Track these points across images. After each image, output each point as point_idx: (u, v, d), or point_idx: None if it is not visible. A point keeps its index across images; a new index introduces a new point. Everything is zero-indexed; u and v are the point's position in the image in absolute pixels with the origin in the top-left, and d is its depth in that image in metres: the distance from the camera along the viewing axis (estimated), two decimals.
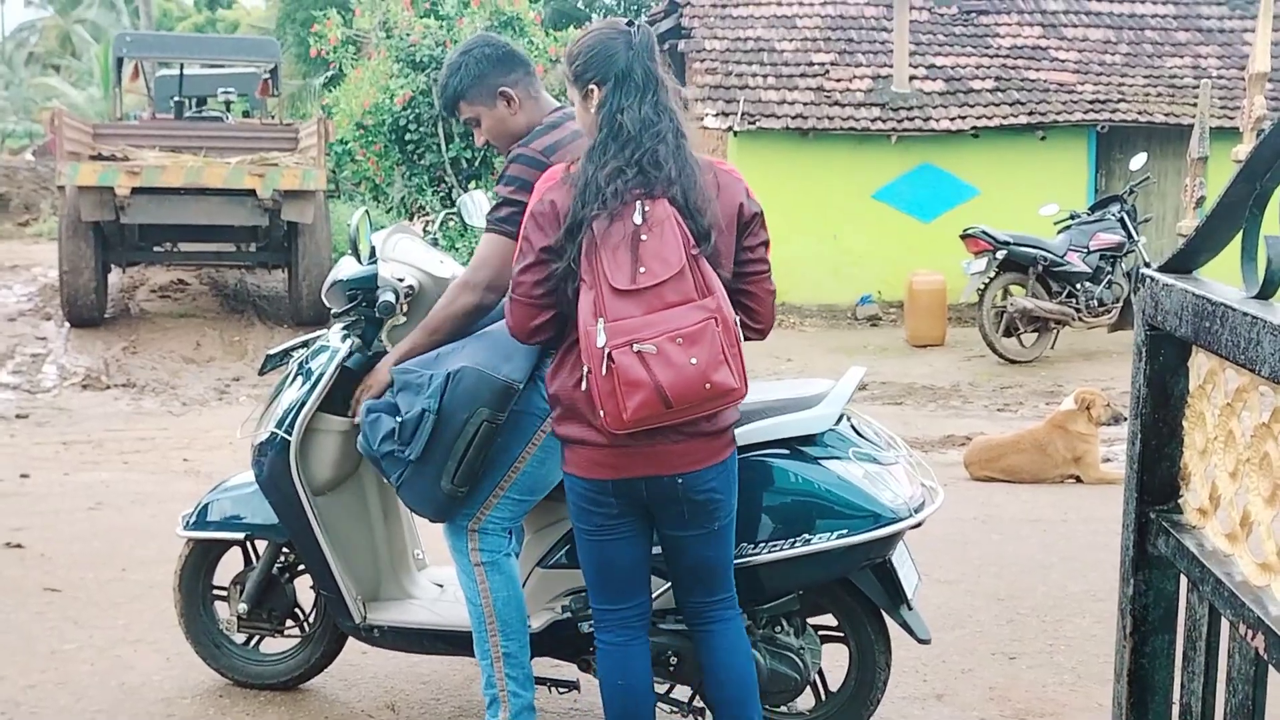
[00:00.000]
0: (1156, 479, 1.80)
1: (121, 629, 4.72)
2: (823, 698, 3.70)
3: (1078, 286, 11.78)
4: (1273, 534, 1.51)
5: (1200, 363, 1.73)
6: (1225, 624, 1.62)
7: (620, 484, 3.01)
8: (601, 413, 2.85)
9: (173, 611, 4.68)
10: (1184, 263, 1.76)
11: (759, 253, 3.10)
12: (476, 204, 4.01)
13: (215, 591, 4.18)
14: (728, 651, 3.22)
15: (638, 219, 2.89)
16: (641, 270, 2.86)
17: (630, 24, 3.03)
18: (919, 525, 3.46)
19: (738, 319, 2.96)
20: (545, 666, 3.73)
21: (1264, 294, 1.50)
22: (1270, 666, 1.46)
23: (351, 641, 4.04)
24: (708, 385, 2.84)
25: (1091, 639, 4.62)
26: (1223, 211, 1.60)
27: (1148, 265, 2.02)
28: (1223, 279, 1.74)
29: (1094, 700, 4.07)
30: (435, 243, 4.12)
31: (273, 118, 17.14)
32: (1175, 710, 1.82)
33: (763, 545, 3.39)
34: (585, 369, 2.85)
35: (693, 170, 2.99)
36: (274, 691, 4.11)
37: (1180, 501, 1.80)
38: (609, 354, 2.80)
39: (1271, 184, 1.50)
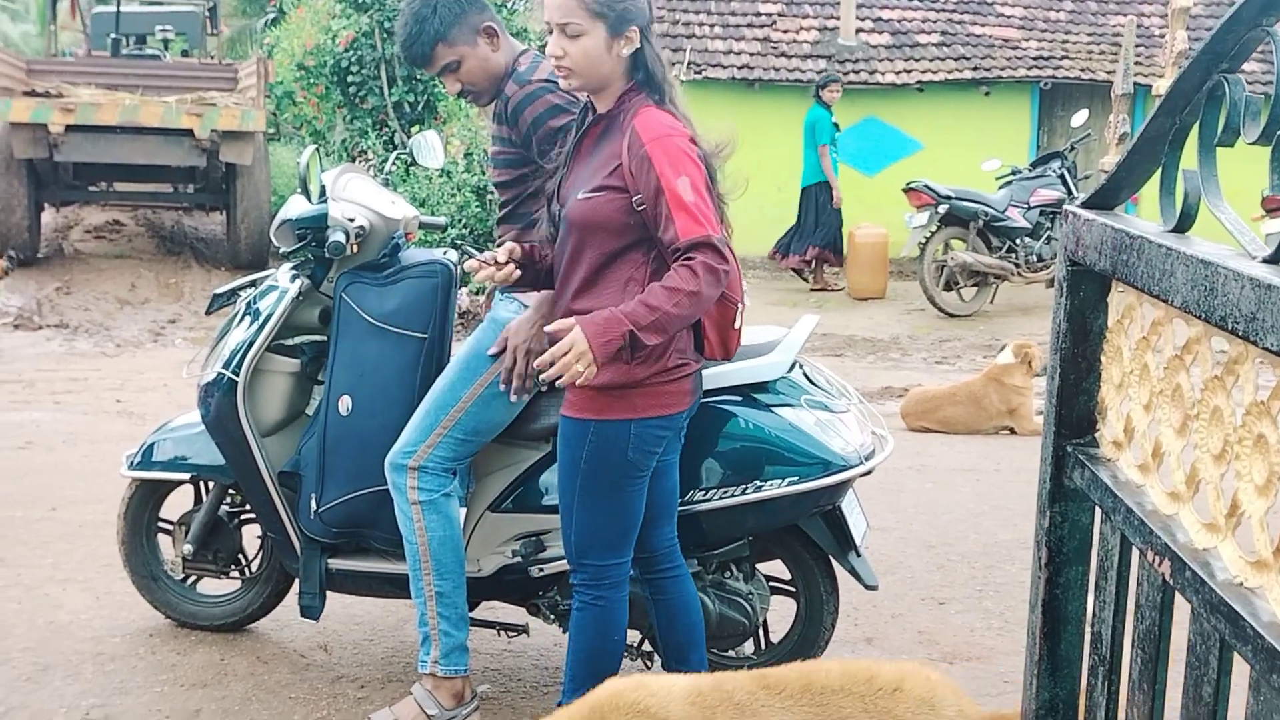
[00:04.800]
0: (1074, 413, 1.83)
1: (50, 568, 4.67)
2: (763, 647, 3.72)
3: (1017, 242, 11.88)
4: (1182, 464, 1.54)
5: (1119, 298, 1.75)
6: (1135, 554, 1.65)
7: (688, 412, 3.06)
8: (733, 345, 3.05)
9: (103, 551, 4.66)
10: (1106, 199, 1.78)
11: None
12: (430, 144, 3.96)
13: (161, 525, 4.14)
14: (689, 596, 3.24)
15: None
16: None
17: None
18: (869, 473, 3.48)
19: None
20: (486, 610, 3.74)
21: (1180, 227, 1.52)
22: (1176, 592, 1.49)
23: None
24: None
25: (1019, 585, 4.69)
26: (1143, 147, 1.62)
27: None
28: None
29: (1020, 644, 4.11)
30: (386, 183, 4.07)
31: (212, 57, 16.84)
32: (1086, 639, 1.85)
33: (714, 491, 3.39)
34: (740, 306, 2.97)
35: None
36: (205, 631, 4.09)
37: (1096, 435, 1.83)
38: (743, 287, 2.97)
39: (1189, 119, 1.51)
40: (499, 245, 3.56)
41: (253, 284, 3.95)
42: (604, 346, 2.73)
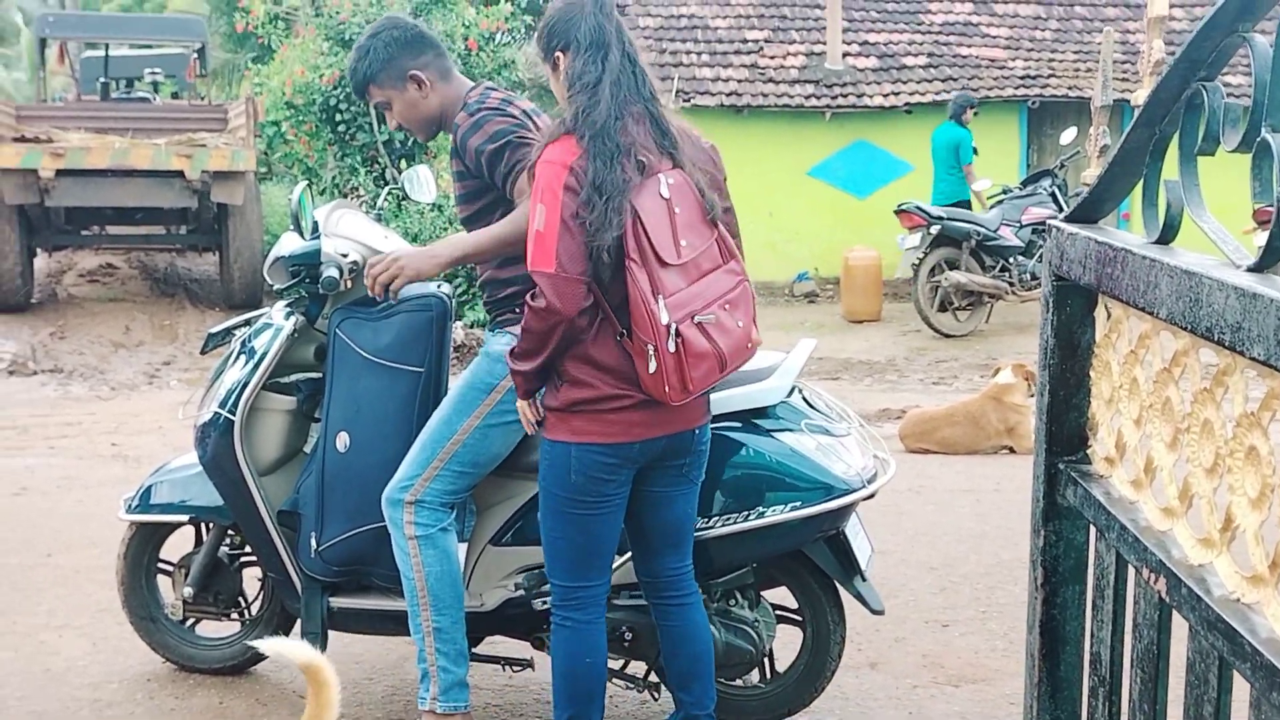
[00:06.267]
0: (1065, 430, 1.81)
1: (46, 615, 4.64)
2: (769, 676, 3.67)
3: (1010, 260, 11.89)
4: (1174, 479, 1.52)
5: (1105, 311, 1.73)
6: (1131, 572, 1.63)
7: (648, 444, 2.96)
8: (667, 388, 2.83)
9: (99, 596, 4.62)
10: (1089, 212, 1.76)
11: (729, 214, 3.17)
12: (422, 179, 3.96)
13: (161, 566, 4.11)
14: (693, 626, 3.21)
15: (665, 192, 2.89)
16: (683, 244, 2.90)
17: None
18: (872, 496, 3.44)
19: None
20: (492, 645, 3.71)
21: (1164, 239, 1.50)
22: (1173, 610, 1.46)
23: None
24: (749, 345, 2.99)
25: (1023, 605, 4.58)
26: (1123, 159, 1.61)
27: None
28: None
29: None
30: (379, 218, 4.06)
31: (202, 98, 16.89)
32: (1086, 659, 1.83)
33: (717, 519, 3.36)
34: (651, 347, 2.80)
35: (689, 138, 3.02)
36: (203, 675, 4.05)
37: (1088, 451, 1.81)
38: (676, 329, 2.80)
39: (1169, 128, 1.50)
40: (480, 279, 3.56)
41: (247, 323, 3.94)
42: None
